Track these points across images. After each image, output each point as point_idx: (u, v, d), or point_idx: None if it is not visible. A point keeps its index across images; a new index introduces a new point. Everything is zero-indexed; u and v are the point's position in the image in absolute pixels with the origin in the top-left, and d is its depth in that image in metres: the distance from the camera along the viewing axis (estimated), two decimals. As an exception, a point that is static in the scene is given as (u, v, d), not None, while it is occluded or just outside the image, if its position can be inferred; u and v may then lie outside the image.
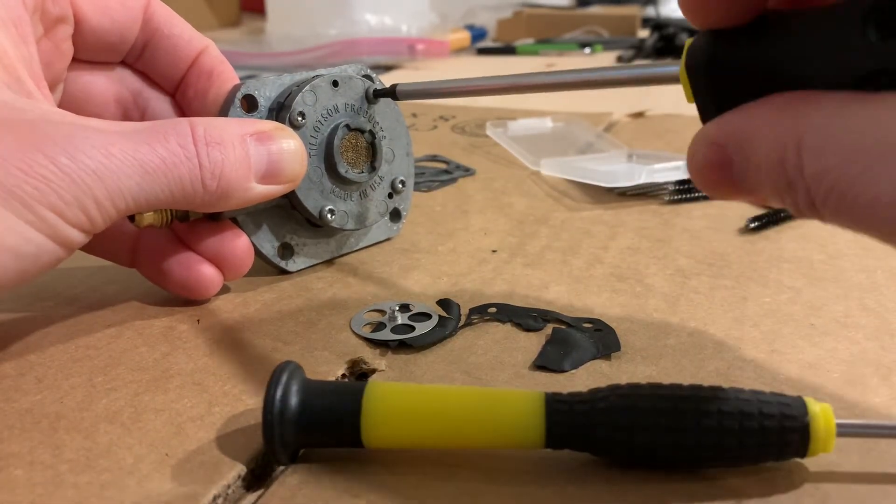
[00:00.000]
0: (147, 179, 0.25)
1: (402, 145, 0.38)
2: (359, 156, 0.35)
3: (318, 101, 0.34)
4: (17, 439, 0.24)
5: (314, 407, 0.22)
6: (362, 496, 0.22)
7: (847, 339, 0.30)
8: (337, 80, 0.35)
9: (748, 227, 0.41)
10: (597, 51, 1.07)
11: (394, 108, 0.38)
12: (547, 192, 0.47)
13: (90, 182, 0.23)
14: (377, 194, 0.37)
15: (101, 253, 0.33)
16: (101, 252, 0.33)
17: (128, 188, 0.24)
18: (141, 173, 0.25)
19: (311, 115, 0.33)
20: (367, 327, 0.31)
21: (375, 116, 0.36)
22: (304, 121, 0.33)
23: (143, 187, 0.25)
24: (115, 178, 0.24)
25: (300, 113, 0.33)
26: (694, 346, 0.29)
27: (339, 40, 0.98)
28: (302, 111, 0.33)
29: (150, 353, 0.29)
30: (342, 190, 0.35)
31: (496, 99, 0.76)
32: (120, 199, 0.24)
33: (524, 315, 0.31)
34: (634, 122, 0.65)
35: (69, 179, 0.23)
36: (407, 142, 0.38)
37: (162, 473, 0.22)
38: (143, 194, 0.25)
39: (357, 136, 0.35)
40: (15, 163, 0.22)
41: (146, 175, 0.25)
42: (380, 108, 0.37)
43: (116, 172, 0.24)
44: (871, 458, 0.23)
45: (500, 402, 0.23)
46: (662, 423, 0.21)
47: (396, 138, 0.38)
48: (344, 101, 0.35)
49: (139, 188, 0.25)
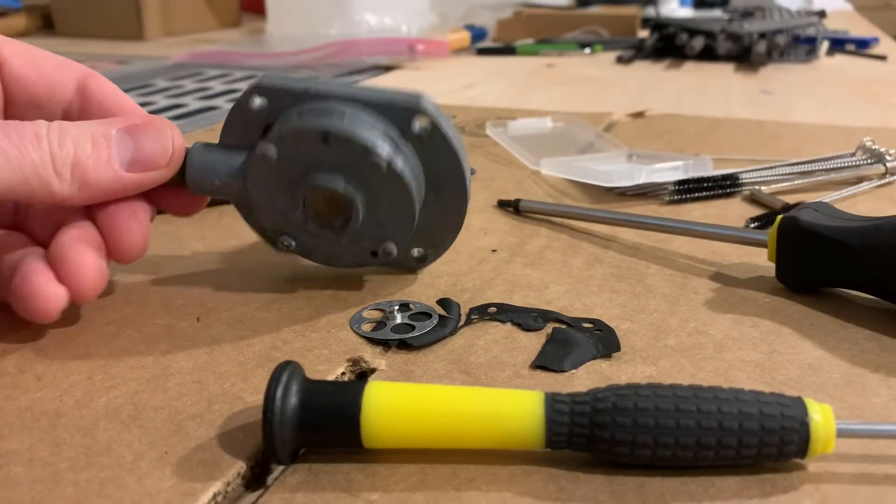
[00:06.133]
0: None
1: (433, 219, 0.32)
2: (333, 211, 0.31)
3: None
4: (16, 437, 0.24)
5: (314, 406, 0.22)
6: (362, 496, 0.22)
7: (847, 339, 0.30)
8: (328, 132, 0.29)
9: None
10: (597, 51, 1.07)
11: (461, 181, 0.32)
12: (547, 191, 0.47)
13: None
14: (356, 247, 0.32)
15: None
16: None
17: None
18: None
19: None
20: (367, 326, 0.31)
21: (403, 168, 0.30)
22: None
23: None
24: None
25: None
26: (694, 346, 0.29)
27: (339, 40, 0.98)
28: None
29: (149, 351, 0.29)
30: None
31: (496, 99, 0.76)
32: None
33: (524, 315, 0.31)
34: (634, 122, 0.65)
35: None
36: (447, 219, 0.32)
37: (161, 471, 0.22)
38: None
39: (336, 194, 0.30)
40: None
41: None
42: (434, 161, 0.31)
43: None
44: (871, 459, 0.23)
45: (500, 402, 0.23)
46: (662, 424, 0.21)
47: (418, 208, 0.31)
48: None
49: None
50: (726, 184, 0.46)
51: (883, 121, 0.65)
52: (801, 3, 1.53)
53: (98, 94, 0.32)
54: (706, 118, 0.66)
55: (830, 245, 0.31)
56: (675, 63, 0.98)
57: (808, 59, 0.97)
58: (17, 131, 0.27)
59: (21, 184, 0.27)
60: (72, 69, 0.32)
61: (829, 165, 0.48)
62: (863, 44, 1.06)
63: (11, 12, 1.31)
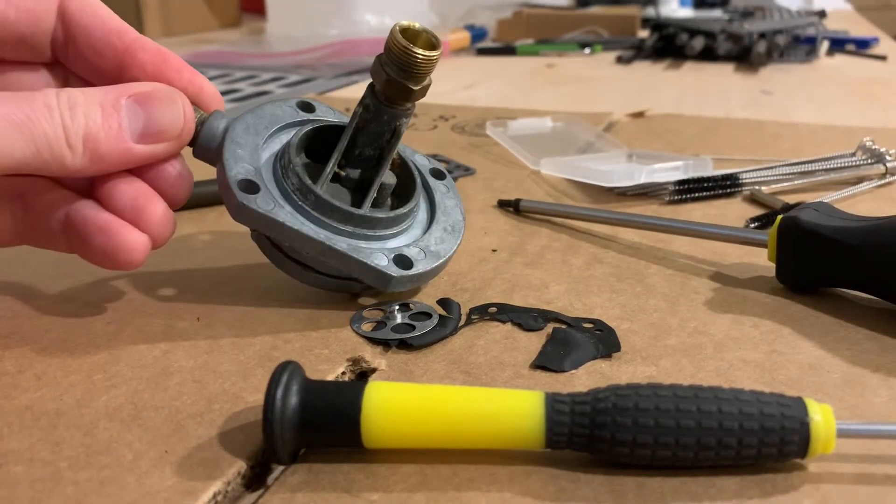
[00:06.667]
0: (10, 133, 0.25)
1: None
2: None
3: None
4: (16, 436, 0.24)
5: (314, 406, 0.22)
6: (362, 496, 0.22)
7: (847, 339, 0.30)
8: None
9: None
10: (596, 51, 1.07)
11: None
12: (547, 191, 0.47)
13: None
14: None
15: (37, 241, 0.31)
16: (36, 240, 0.31)
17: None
18: (4, 126, 0.25)
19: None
20: (368, 326, 0.31)
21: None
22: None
23: (6, 140, 0.25)
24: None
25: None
26: (694, 346, 0.29)
27: (339, 40, 0.98)
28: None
29: (149, 351, 0.29)
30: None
31: (496, 99, 0.76)
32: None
33: (524, 315, 0.31)
34: (634, 122, 0.65)
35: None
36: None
37: (161, 470, 0.22)
38: (7, 148, 0.25)
39: None
40: None
41: (9, 128, 0.25)
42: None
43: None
44: (871, 459, 0.23)
45: (501, 402, 0.23)
46: (663, 424, 0.21)
47: None
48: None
49: (2, 140, 0.25)
50: (726, 184, 0.46)
51: (883, 121, 0.65)
52: (801, 3, 1.53)
53: (80, 19, 0.30)
54: (706, 118, 0.66)
55: (830, 245, 0.31)
56: (675, 63, 0.98)
57: (808, 59, 0.97)
58: (28, 102, 0.26)
59: (34, 157, 0.26)
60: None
61: (829, 165, 0.48)
62: (863, 44, 1.06)
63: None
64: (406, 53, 0.29)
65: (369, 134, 0.31)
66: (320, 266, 0.31)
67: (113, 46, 0.31)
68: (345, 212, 0.30)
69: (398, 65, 0.29)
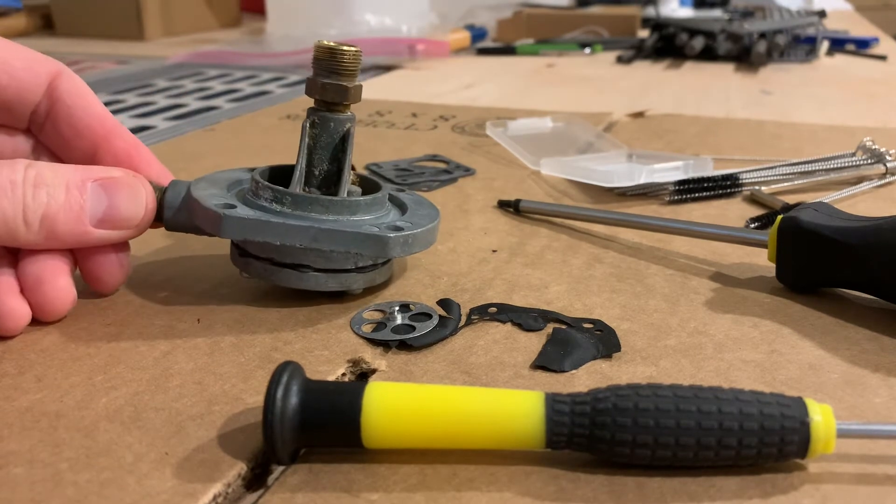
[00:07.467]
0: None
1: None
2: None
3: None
4: (16, 438, 0.24)
5: (314, 407, 0.22)
6: (362, 496, 0.22)
7: (847, 339, 0.30)
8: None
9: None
10: (597, 51, 1.07)
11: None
12: (547, 191, 0.47)
13: None
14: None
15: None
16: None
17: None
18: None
19: None
20: (368, 327, 0.31)
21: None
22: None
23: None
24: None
25: None
26: (694, 347, 0.29)
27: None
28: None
29: (149, 352, 0.29)
30: None
31: (496, 99, 0.76)
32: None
33: (524, 315, 0.31)
34: (634, 122, 0.65)
35: None
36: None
37: (162, 472, 0.22)
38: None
39: None
40: None
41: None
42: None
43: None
44: (871, 459, 0.23)
45: (500, 403, 0.23)
46: (663, 424, 0.21)
47: None
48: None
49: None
50: (726, 184, 0.46)
51: (883, 121, 0.65)
52: (801, 3, 1.53)
53: (67, 99, 0.31)
54: (706, 118, 0.66)
55: (830, 245, 0.31)
56: (675, 63, 0.98)
57: (808, 59, 0.97)
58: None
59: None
60: (42, 68, 0.31)
61: (829, 165, 0.48)
62: (863, 44, 1.06)
63: (11, 12, 1.31)
64: (332, 53, 0.32)
65: (323, 148, 0.33)
66: (315, 261, 0.31)
67: (93, 130, 0.32)
68: (324, 201, 0.31)
69: (329, 69, 0.32)
